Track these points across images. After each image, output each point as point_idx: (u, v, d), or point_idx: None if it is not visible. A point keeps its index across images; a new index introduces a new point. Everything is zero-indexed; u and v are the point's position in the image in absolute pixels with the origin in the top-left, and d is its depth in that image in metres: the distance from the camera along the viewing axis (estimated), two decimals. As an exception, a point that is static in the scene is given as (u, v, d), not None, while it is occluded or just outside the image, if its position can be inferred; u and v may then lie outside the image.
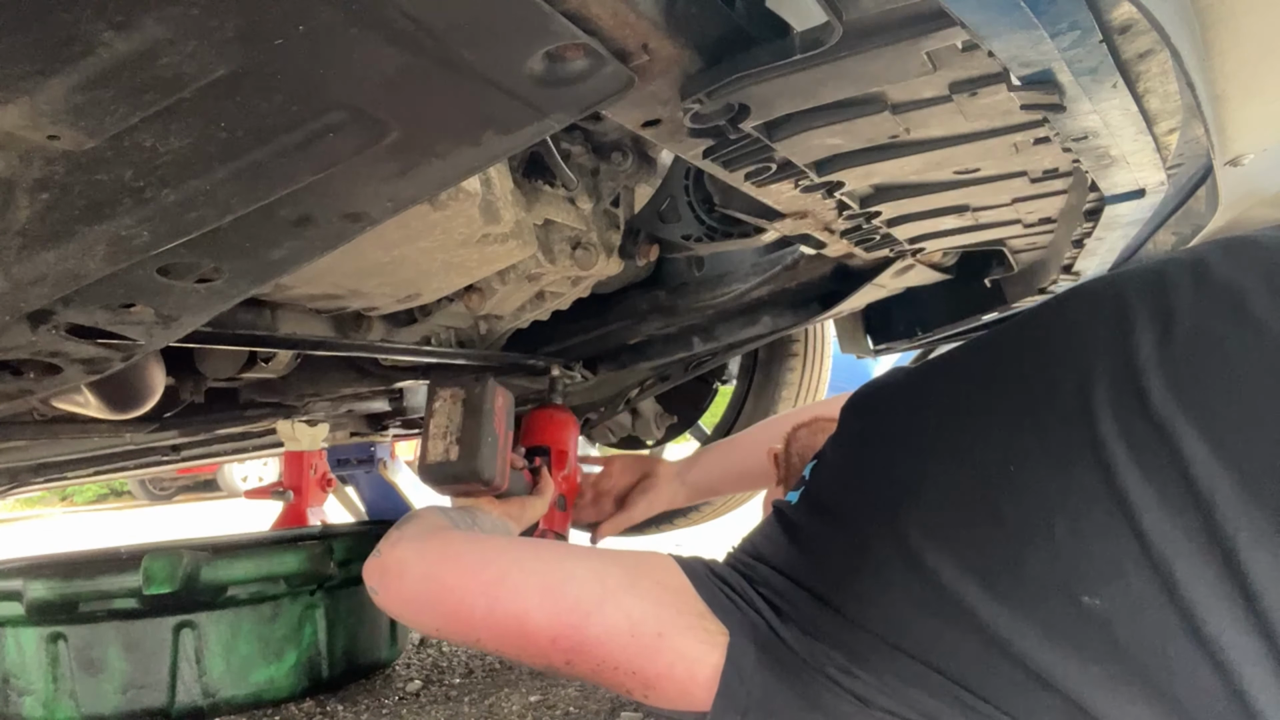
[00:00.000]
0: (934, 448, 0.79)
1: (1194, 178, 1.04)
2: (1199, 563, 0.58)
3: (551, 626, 0.82)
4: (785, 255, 1.35)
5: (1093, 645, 0.62)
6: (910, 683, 0.69)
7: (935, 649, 0.68)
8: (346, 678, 1.59)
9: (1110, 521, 0.62)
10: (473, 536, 0.95)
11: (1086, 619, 0.62)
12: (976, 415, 0.78)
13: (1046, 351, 0.77)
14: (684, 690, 0.79)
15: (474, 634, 0.86)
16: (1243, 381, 0.62)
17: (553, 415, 1.47)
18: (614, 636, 0.81)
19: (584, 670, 0.83)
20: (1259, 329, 0.63)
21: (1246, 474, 0.59)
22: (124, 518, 7.77)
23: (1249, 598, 0.56)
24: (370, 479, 3.06)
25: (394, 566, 0.91)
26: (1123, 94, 0.55)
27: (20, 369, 0.67)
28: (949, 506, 0.73)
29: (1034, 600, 0.65)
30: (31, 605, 1.35)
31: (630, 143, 1.04)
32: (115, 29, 0.34)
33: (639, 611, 0.81)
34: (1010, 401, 0.76)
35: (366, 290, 1.02)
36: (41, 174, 0.42)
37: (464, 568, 0.88)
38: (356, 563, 1.55)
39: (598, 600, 0.83)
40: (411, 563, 0.90)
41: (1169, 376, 0.65)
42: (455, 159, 0.48)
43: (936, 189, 0.80)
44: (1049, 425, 0.70)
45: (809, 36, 0.50)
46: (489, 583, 0.85)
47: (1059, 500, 0.66)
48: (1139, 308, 0.71)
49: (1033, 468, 0.69)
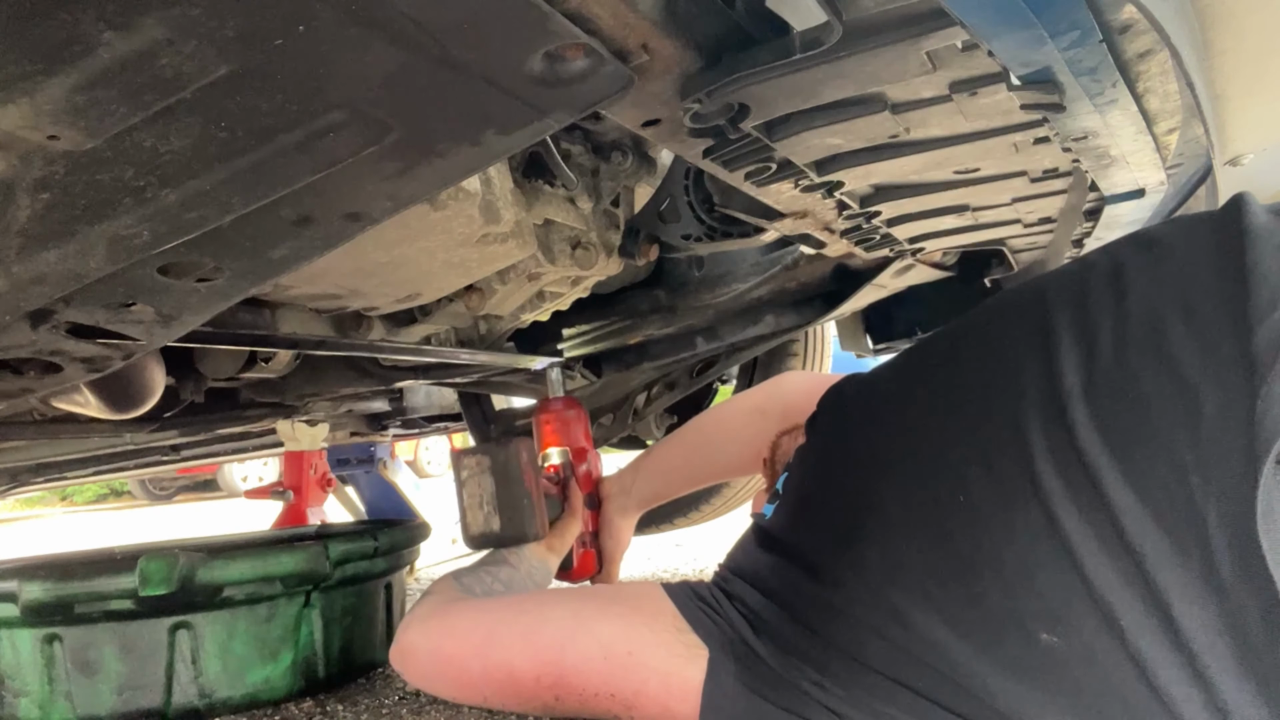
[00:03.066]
0: (889, 469, 0.78)
1: (1194, 178, 1.04)
2: (1140, 612, 0.58)
3: (534, 666, 0.87)
4: (785, 255, 1.35)
5: (1053, 684, 0.61)
6: (880, 698, 0.69)
7: (902, 671, 0.68)
8: (343, 678, 1.59)
9: (1055, 559, 0.62)
10: (468, 604, 1.00)
11: (1045, 656, 0.61)
12: (927, 435, 0.77)
13: (983, 369, 0.76)
14: (663, 706, 0.80)
15: (479, 693, 0.91)
16: (1159, 428, 0.61)
17: (559, 413, 1.45)
18: (588, 662, 0.84)
19: (572, 703, 0.86)
20: (1173, 368, 0.61)
21: (1169, 527, 0.58)
22: (124, 518, 7.77)
23: (1188, 654, 0.56)
24: (370, 479, 3.06)
25: (407, 649, 0.98)
26: (1123, 94, 0.55)
27: (21, 368, 0.67)
28: (906, 536, 0.72)
29: (994, 635, 0.64)
30: (27, 606, 1.35)
31: (630, 142, 1.04)
32: (115, 29, 0.34)
33: (608, 634, 0.84)
34: (956, 422, 0.75)
35: (366, 290, 1.02)
36: (41, 174, 0.42)
37: (458, 636, 0.94)
38: (353, 563, 1.55)
39: (570, 632, 0.87)
40: (419, 643, 0.97)
41: (1093, 410, 0.64)
42: (455, 159, 0.48)
43: (936, 189, 0.80)
44: (991, 454, 0.69)
45: (809, 36, 0.50)
46: (479, 644, 0.91)
47: (1005, 534, 0.65)
48: (1063, 326, 0.69)
49: (980, 498, 0.68)
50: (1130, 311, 0.66)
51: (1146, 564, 0.58)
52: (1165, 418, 0.61)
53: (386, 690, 1.57)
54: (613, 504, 1.40)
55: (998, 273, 1.31)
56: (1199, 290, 0.64)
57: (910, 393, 0.84)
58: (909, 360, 0.90)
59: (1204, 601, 0.56)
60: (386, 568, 1.68)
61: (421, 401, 2.07)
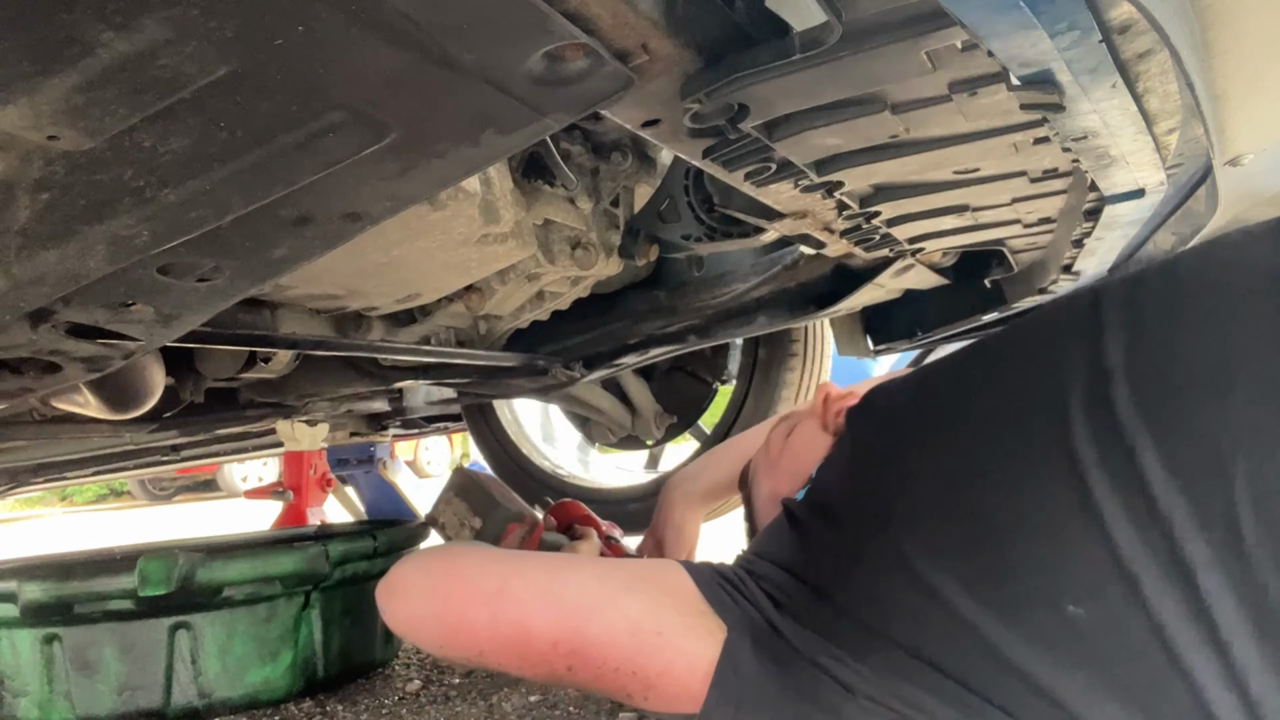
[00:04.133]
0: (926, 453, 0.80)
1: (1194, 178, 1.04)
2: (1164, 581, 0.59)
3: (553, 630, 0.82)
4: (785, 255, 1.35)
5: (1078, 654, 0.62)
6: (897, 673, 0.69)
7: (925, 645, 0.69)
8: (343, 678, 1.59)
9: (1086, 531, 0.63)
10: (476, 550, 0.94)
11: (1071, 628, 0.62)
12: (964, 415, 0.79)
13: (1030, 356, 0.78)
14: (684, 688, 0.79)
15: (477, 647, 0.85)
16: (1194, 400, 0.63)
17: (564, 504, 1.51)
18: (614, 636, 0.81)
19: (585, 675, 0.82)
20: (1212, 341, 0.64)
21: (1195, 496, 0.59)
22: (124, 518, 7.77)
23: (1208, 623, 0.57)
24: (370, 479, 3.06)
25: (399, 583, 0.91)
26: (1122, 94, 0.55)
27: (20, 368, 0.67)
28: (938, 512, 0.74)
29: (1020, 606, 0.65)
30: (26, 607, 1.35)
31: (630, 143, 1.04)
32: (115, 29, 0.34)
33: (637, 611, 0.82)
34: (996, 405, 0.77)
35: (366, 290, 1.02)
36: (41, 174, 0.42)
37: (466, 580, 0.87)
38: (352, 563, 1.55)
39: (597, 602, 0.82)
40: (415, 579, 0.90)
41: (1134, 386, 0.65)
42: (455, 159, 0.48)
43: (936, 189, 0.80)
44: (1030, 431, 0.71)
45: (809, 36, 0.50)
46: (491, 594, 0.85)
47: (1038, 508, 0.67)
48: (1112, 313, 0.72)
49: (1015, 474, 0.70)
50: (1179, 289, 0.68)
51: (1174, 533, 0.59)
52: (1201, 390, 0.62)
53: (386, 690, 1.57)
54: (677, 491, 1.41)
55: (998, 273, 1.31)
56: (1250, 272, 0.67)
57: (953, 381, 0.86)
58: (956, 355, 0.92)
59: (1226, 570, 0.57)
60: (386, 568, 1.68)
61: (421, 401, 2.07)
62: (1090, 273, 1.18)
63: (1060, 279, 1.19)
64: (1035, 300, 1.35)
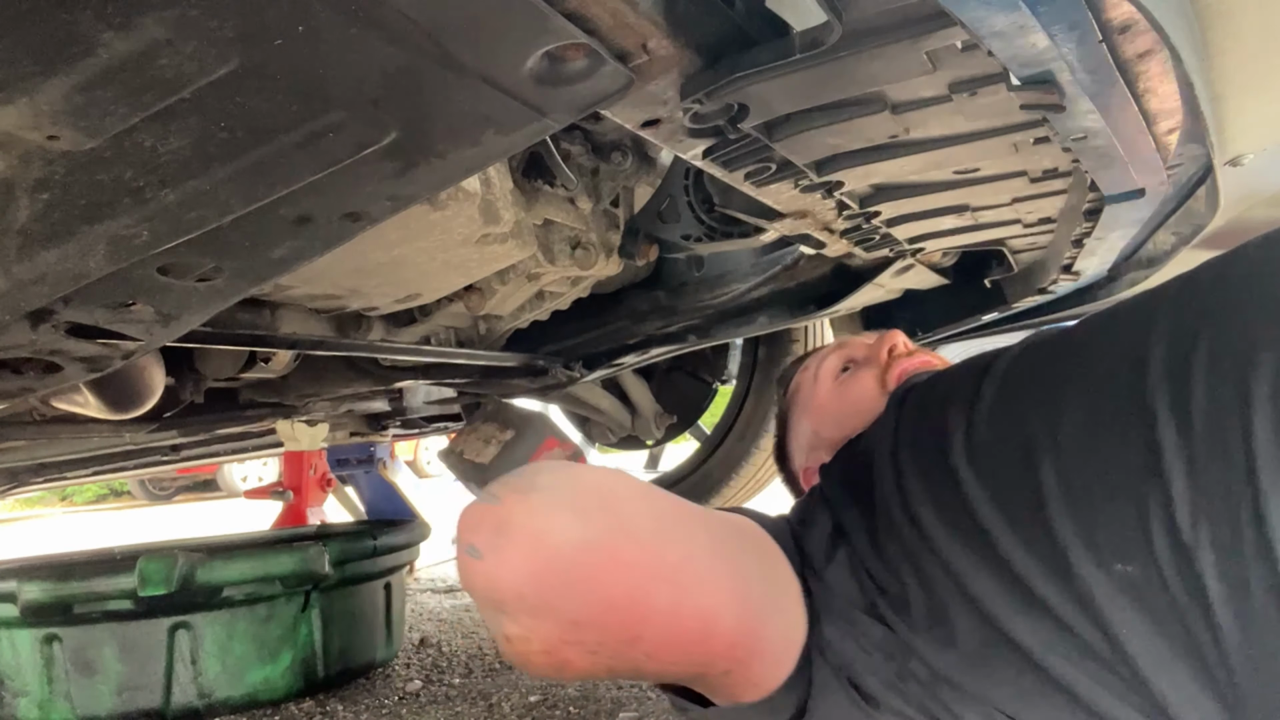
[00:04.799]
0: (976, 408, 0.75)
1: (1194, 178, 1.04)
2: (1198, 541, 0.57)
3: (736, 630, 0.66)
4: (785, 255, 1.35)
5: (1124, 607, 0.60)
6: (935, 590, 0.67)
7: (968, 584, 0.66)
8: (342, 678, 1.59)
9: (1149, 487, 0.60)
10: (644, 491, 0.70)
11: (1121, 581, 0.60)
12: (1032, 377, 0.75)
13: (1107, 334, 0.74)
14: (758, 684, 0.71)
15: (633, 630, 0.63)
16: None
17: None
18: (774, 644, 0.70)
19: (713, 680, 0.70)
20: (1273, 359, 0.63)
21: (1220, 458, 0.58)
22: (124, 518, 7.77)
23: (1238, 580, 0.55)
24: (370, 479, 3.06)
25: (529, 524, 0.62)
26: (1122, 94, 0.55)
27: (21, 368, 0.67)
28: (991, 457, 0.71)
29: (1062, 563, 0.63)
30: (26, 607, 1.35)
31: (630, 143, 1.04)
32: (115, 29, 0.34)
33: (786, 621, 0.73)
34: (1067, 367, 0.72)
35: (366, 290, 1.02)
36: (41, 174, 0.42)
37: (644, 543, 0.64)
38: (352, 563, 1.55)
39: (770, 600, 0.71)
40: (565, 522, 0.62)
41: (1211, 381, 0.64)
42: (455, 159, 0.48)
43: (936, 189, 0.80)
44: (1104, 390, 0.67)
45: (809, 36, 0.51)
46: (676, 566, 0.65)
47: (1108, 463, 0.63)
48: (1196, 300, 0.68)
49: (1088, 429, 0.65)
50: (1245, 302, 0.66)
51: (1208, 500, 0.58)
52: None
53: (386, 690, 1.57)
54: None
55: (998, 273, 1.32)
56: None
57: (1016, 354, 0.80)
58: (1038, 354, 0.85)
59: (1245, 535, 0.56)
60: (386, 568, 1.69)
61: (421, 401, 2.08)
62: (1090, 273, 1.18)
63: (1060, 279, 1.19)
64: (1035, 300, 1.35)
